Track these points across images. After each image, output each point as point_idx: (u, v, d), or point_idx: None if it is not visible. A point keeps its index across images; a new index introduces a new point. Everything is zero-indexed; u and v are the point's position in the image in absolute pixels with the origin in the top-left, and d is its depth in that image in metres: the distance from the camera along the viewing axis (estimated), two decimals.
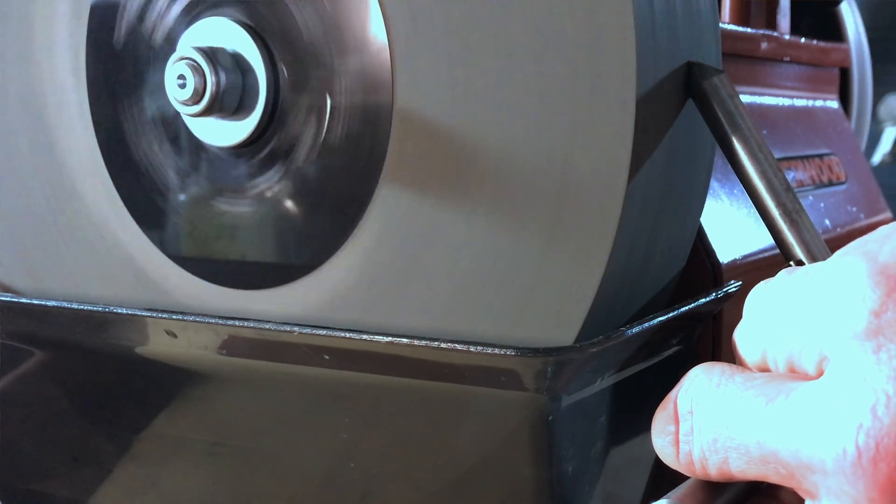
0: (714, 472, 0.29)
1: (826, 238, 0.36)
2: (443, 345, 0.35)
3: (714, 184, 0.47)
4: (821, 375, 0.27)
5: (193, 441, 0.44)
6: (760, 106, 0.59)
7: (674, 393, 0.31)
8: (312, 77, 0.39)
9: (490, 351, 0.35)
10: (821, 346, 0.27)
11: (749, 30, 0.62)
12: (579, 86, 0.34)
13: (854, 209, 0.63)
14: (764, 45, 0.60)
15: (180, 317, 0.42)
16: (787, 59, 0.63)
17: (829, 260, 0.28)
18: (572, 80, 0.34)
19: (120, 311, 0.44)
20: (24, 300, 0.47)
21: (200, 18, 0.41)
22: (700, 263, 0.44)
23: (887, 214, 0.67)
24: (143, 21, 0.43)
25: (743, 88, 0.57)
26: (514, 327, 0.36)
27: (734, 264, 0.45)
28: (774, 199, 0.36)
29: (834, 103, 0.70)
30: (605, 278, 0.35)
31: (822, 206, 0.59)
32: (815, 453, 0.25)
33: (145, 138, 0.44)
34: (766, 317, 0.29)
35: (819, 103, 0.67)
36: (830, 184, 0.61)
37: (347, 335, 0.38)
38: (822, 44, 0.68)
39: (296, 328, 0.39)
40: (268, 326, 0.40)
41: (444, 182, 0.37)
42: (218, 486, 0.44)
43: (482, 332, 0.36)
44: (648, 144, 0.35)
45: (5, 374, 0.49)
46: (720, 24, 0.41)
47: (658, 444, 0.31)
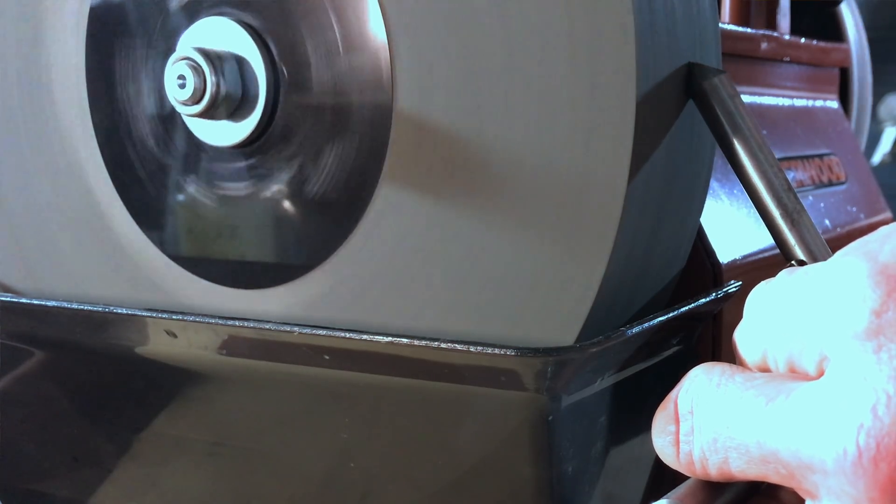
0: (714, 471, 0.29)
1: (826, 238, 0.36)
2: (443, 345, 0.35)
3: (714, 184, 0.47)
4: (821, 375, 0.27)
5: (193, 441, 0.44)
6: (760, 106, 0.59)
7: (674, 393, 0.31)
8: (312, 77, 0.39)
9: (490, 351, 0.35)
10: (821, 345, 0.27)
11: (749, 30, 0.62)
12: (579, 86, 0.34)
13: (854, 209, 0.63)
14: (764, 45, 0.60)
15: (180, 317, 0.42)
16: (787, 59, 0.63)
17: (829, 260, 0.28)
18: (572, 81, 0.34)
19: (120, 311, 0.44)
20: (24, 300, 0.47)
21: (200, 18, 0.41)
22: (700, 263, 0.44)
23: (887, 214, 0.67)
24: (143, 18, 0.43)
25: (743, 88, 0.57)
26: (514, 327, 0.36)
27: (734, 264, 0.45)
28: (775, 200, 0.36)
29: (834, 103, 0.70)
30: (606, 278, 0.35)
31: (822, 206, 0.59)
32: (815, 453, 0.25)
33: (145, 138, 0.44)
34: (767, 317, 0.29)
35: (819, 103, 0.67)
36: (830, 184, 0.61)
37: (347, 335, 0.38)
38: (822, 44, 0.68)
39: (296, 328, 0.39)
40: (268, 326, 0.40)
41: (444, 182, 0.37)
42: (218, 486, 0.44)
43: (482, 332, 0.36)
44: (649, 145, 0.35)
45: (5, 374, 0.49)
46: (720, 24, 0.41)
47: (658, 444, 0.31)
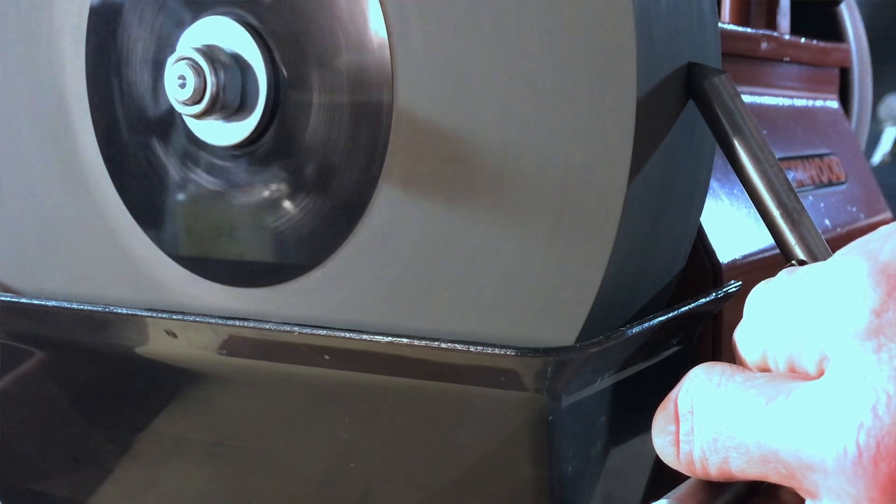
0: (714, 471, 0.29)
1: (826, 238, 0.36)
2: (443, 345, 0.35)
3: (714, 184, 0.47)
4: (821, 375, 0.27)
5: (193, 441, 0.44)
6: (760, 106, 0.59)
7: (674, 393, 0.31)
8: (312, 76, 0.39)
9: (490, 351, 0.35)
10: (821, 345, 0.27)
11: (749, 30, 0.62)
12: (579, 86, 0.34)
13: (854, 209, 0.63)
14: (764, 45, 0.60)
15: (180, 317, 0.42)
16: (787, 59, 0.63)
17: (829, 260, 0.28)
18: (572, 81, 0.34)
19: (120, 311, 0.44)
20: (24, 300, 0.47)
21: (201, 17, 0.41)
22: (700, 263, 0.44)
23: (887, 214, 0.67)
24: (143, 18, 0.43)
25: (743, 88, 0.57)
26: (514, 327, 0.36)
27: (734, 264, 0.45)
28: (775, 199, 0.36)
29: (834, 103, 0.70)
30: (606, 278, 0.35)
31: (822, 206, 0.59)
32: (815, 453, 0.25)
33: (145, 138, 0.44)
34: (767, 317, 0.29)
35: (819, 103, 0.67)
36: (830, 184, 0.61)
37: (347, 335, 0.38)
38: (822, 44, 0.68)
39: (296, 328, 0.39)
40: (268, 326, 0.40)
41: (445, 182, 0.37)
42: (218, 486, 0.44)
43: (482, 332, 0.36)
44: (649, 145, 0.35)
45: (5, 374, 0.49)
46: (720, 24, 0.41)
47: (658, 444, 0.31)
